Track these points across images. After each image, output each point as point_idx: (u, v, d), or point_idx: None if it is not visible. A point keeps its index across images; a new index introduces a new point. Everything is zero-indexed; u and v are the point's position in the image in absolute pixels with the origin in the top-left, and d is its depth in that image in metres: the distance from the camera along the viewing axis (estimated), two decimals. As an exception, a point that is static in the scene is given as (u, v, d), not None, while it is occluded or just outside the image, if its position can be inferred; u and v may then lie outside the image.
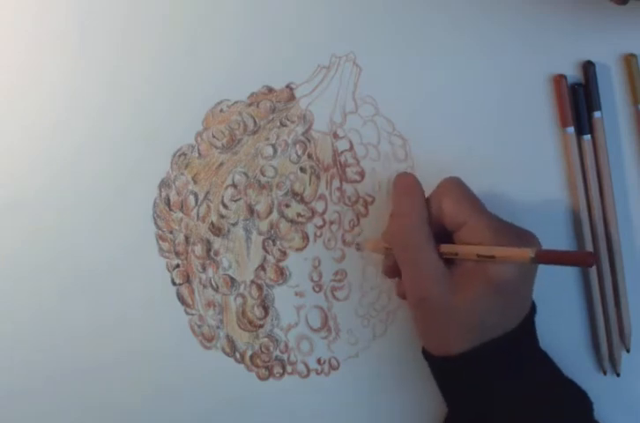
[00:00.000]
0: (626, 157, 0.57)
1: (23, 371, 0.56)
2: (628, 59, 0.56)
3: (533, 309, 0.52)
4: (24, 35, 0.56)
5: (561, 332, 0.57)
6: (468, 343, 0.49)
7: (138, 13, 0.56)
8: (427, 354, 0.52)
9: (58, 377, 0.56)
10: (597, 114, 0.56)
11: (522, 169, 0.57)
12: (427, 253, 0.49)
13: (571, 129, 0.56)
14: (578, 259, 0.46)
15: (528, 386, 0.50)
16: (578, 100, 0.56)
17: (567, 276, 0.57)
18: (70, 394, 0.56)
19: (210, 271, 0.56)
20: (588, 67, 0.56)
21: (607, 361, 0.57)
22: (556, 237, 0.57)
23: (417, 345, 0.55)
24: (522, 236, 0.50)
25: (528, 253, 0.46)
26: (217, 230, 0.56)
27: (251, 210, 0.56)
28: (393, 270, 0.52)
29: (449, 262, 0.50)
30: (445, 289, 0.49)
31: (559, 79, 0.56)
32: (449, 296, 0.49)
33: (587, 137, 0.56)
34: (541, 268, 0.55)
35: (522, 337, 0.51)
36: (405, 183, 0.52)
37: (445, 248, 0.50)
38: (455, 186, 0.51)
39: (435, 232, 0.50)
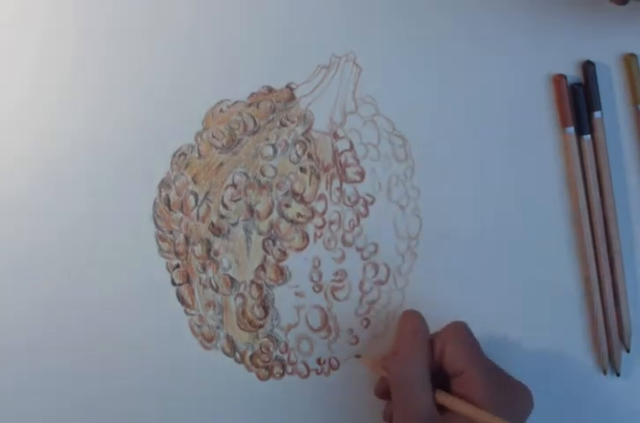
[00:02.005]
0: (626, 157, 0.57)
1: (23, 371, 0.56)
2: (628, 59, 0.56)
3: None
4: (23, 35, 0.56)
5: (562, 332, 0.57)
6: None
7: (138, 13, 0.56)
8: None
9: (57, 378, 0.56)
10: (597, 114, 0.56)
11: (522, 169, 0.57)
12: (421, 397, 0.50)
13: (571, 129, 0.56)
14: None
15: None
16: (578, 100, 0.56)
17: (567, 275, 0.57)
18: (69, 394, 0.56)
19: (210, 271, 0.56)
20: (588, 67, 0.56)
21: (607, 361, 0.57)
22: (555, 237, 0.57)
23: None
24: (516, 393, 0.50)
25: None
26: (217, 230, 0.56)
27: (251, 210, 0.56)
28: (383, 393, 0.53)
29: (441, 406, 0.50)
30: None
31: (559, 79, 0.56)
32: None
33: (587, 137, 0.56)
34: (541, 263, 0.55)
35: None
36: (411, 323, 0.52)
37: (442, 396, 0.50)
38: (459, 332, 0.51)
39: (434, 373, 0.51)
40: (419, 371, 0.50)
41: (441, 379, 0.51)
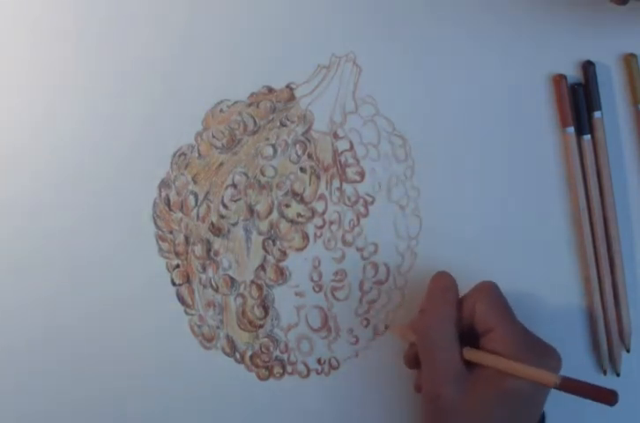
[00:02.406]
0: (626, 157, 0.57)
1: (23, 371, 0.56)
2: (628, 59, 0.56)
3: (543, 418, 0.52)
4: (23, 36, 0.56)
5: (562, 332, 0.57)
6: None
7: (138, 13, 0.56)
8: None
9: (57, 378, 0.56)
10: (597, 114, 0.56)
11: (522, 169, 0.57)
12: (449, 353, 0.50)
13: (571, 129, 0.56)
14: (600, 395, 0.47)
15: None
16: (578, 100, 0.56)
17: (567, 275, 0.57)
18: (69, 394, 0.56)
19: (210, 272, 0.56)
20: (588, 67, 0.56)
21: (607, 361, 0.57)
22: (555, 237, 0.57)
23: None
24: (544, 352, 0.50)
25: (554, 380, 0.47)
26: (217, 230, 0.56)
27: (251, 210, 0.56)
28: (414, 361, 0.53)
29: (469, 362, 0.50)
30: (460, 390, 0.49)
31: (559, 79, 0.56)
32: (462, 398, 0.49)
33: (587, 137, 0.56)
34: (541, 263, 0.55)
35: None
36: (442, 283, 0.52)
37: (469, 353, 0.50)
38: (490, 291, 0.52)
39: (464, 332, 0.51)
40: (445, 326, 0.50)
41: (470, 338, 0.51)
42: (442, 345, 0.50)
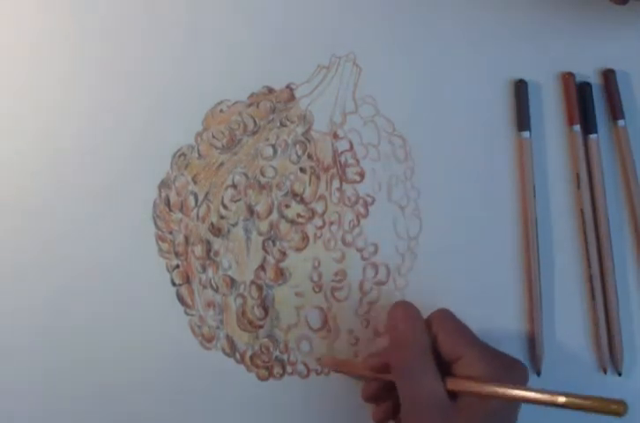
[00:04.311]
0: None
1: (22, 372, 0.56)
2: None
3: None
4: (22, 34, 0.56)
5: (563, 331, 0.57)
6: None
7: (138, 13, 0.56)
8: None
9: (57, 378, 0.56)
10: (620, 122, 0.56)
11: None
12: (434, 386, 0.48)
13: (577, 128, 0.56)
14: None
15: None
16: (586, 100, 0.56)
17: (568, 272, 0.57)
18: (68, 394, 0.56)
19: (210, 272, 0.56)
20: (609, 74, 0.56)
21: (609, 360, 0.57)
22: (561, 236, 0.57)
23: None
24: (513, 367, 0.50)
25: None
26: (217, 230, 0.56)
27: (251, 210, 0.56)
28: (376, 396, 0.53)
29: (450, 393, 0.49)
30: (447, 421, 0.48)
31: (568, 77, 0.56)
32: None
33: (594, 136, 0.56)
34: (543, 263, 0.55)
35: None
36: (407, 313, 0.51)
37: (453, 382, 0.49)
38: (448, 320, 0.51)
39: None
40: (425, 359, 0.49)
41: (438, 365, 0.50)
42: (426, 378, 0.49)
